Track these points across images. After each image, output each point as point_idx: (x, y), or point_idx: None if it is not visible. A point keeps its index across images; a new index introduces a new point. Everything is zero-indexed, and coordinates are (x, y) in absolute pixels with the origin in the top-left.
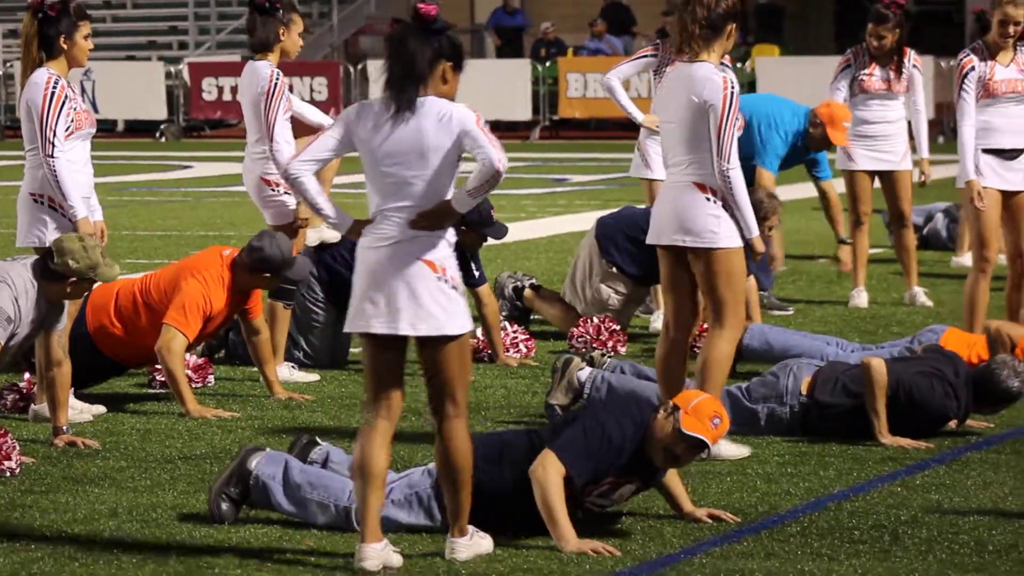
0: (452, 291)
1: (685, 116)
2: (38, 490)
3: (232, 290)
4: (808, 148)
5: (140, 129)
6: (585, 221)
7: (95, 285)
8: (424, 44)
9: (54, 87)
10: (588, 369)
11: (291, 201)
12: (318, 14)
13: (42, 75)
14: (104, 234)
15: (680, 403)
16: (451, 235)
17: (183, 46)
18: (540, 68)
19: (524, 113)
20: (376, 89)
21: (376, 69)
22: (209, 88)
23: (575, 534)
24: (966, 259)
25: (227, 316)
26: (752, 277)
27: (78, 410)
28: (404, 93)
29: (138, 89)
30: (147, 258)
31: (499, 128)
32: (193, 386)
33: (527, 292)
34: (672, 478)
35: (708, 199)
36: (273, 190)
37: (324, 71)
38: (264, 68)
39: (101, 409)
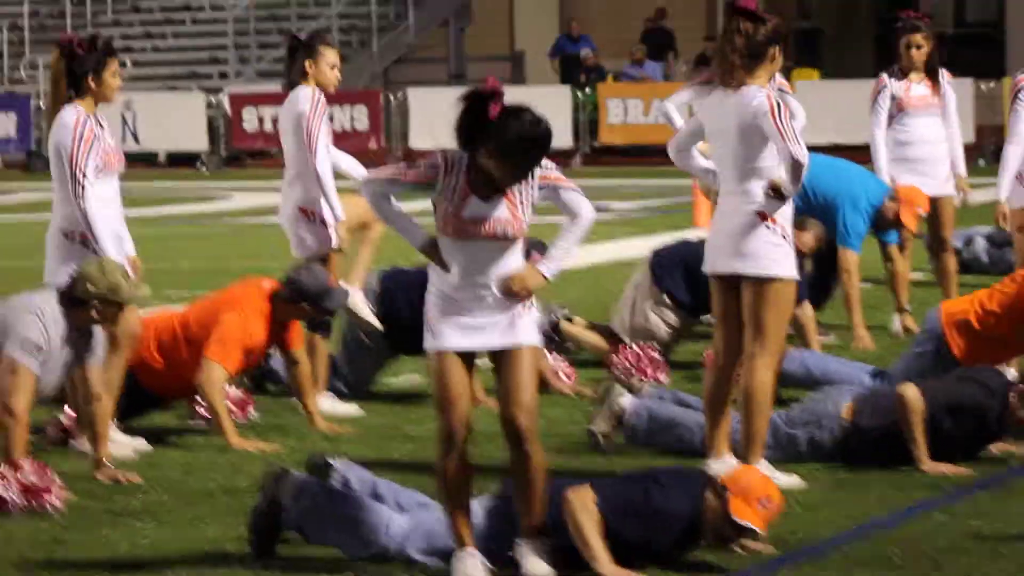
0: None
1: (737, 142)
2: (80, 525)
3: (271, 322)
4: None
5: (181, 160)
6: (625, 249)
7: (124, 309)
8: None
9: (83, 128)
10: (629, 396)
11: (325, 231)
12: (358, 43)
13: (71, 115)
14: (138, 268)
15: (730, 484)
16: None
17: (223, 76)
18: (581, 95)
19: (565, 140)
20: (417, 119)
21: (416, 98)
22: (250, 118)
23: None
24: None
25: (267, 348)
26: (807, 302)
27: (120, 444)
28: None
29: (179, 120)
30: (188, 289)
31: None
32: (234, 419)
33: (563, 324)
34: None
35: (768, 227)
36: (310, 220)
37: (364, 100)
38: (304, 91)
39: (143, 443)
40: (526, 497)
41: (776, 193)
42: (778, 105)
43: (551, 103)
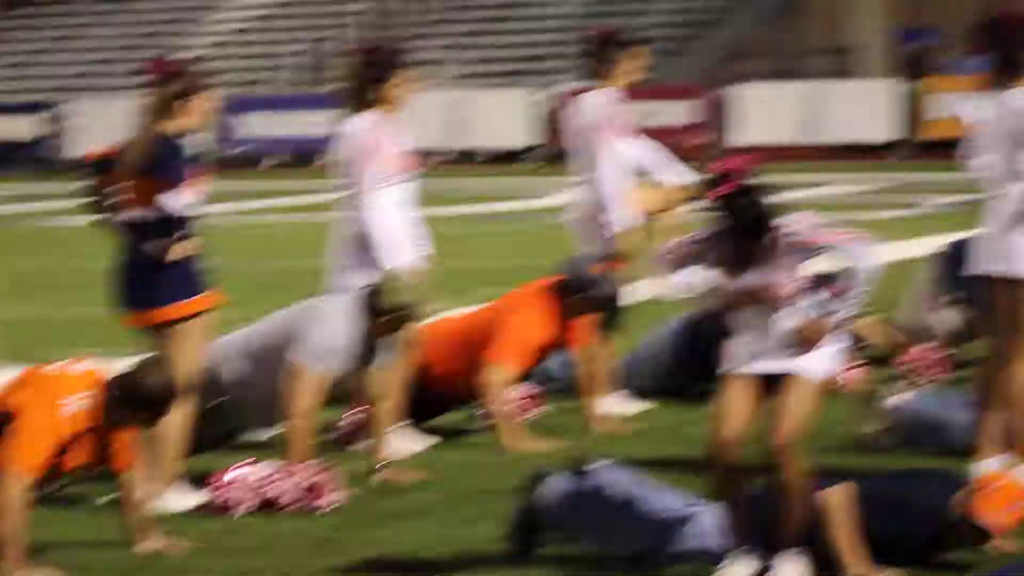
0: None
1: (1006, 144)
2: (352, 524)
3: (553, 321)
4: None
5: (503, 157)
6: (934, 245)
7: (412, 322)
8: None
9: (373, 135)
10: (898, 396)
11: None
12: (684, 39)
13: (361, 122)
14: (431, 268)
15: (983, 484)
16: None
17: (546, 73)
18: (907, 89)
19: (889, 134)
20: (745, 113)
21: (746, 94)
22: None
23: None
24: None
25: (549, 348)
26: None
27: (404, 444)
28: None
29: (502, 117)
30: (496, 286)
31: (861, 152)
32: (521, 418)
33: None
34: None
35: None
36: (600, 219)
37: (688, 95)
38: (600, 93)
39: (426, 443)
40: (784, 512)
41: None
42: None
43: (875, 97)
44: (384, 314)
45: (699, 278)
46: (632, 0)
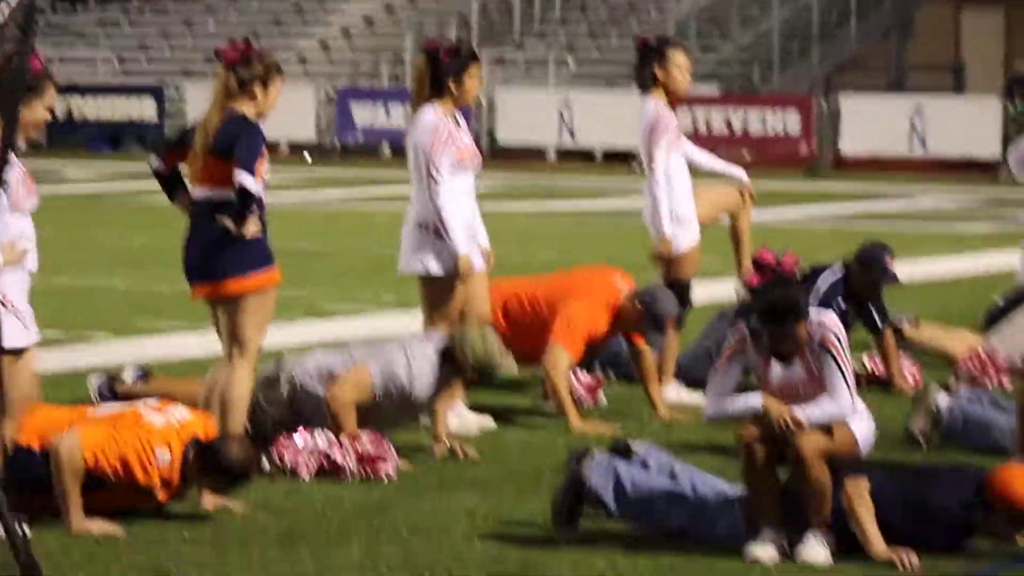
0: None
1: None
2: (407, 493)
3: (615, 319)
4: None
5: (616, 158)
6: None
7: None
8: None
9: (439, 127)
10: (946, 396)
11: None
12: (799, 49)
13: (429, 115)
14: (491, 256)
15: (1009, 478)
16: None
17: None
18: (1012, 108)
19: (995, 151)
20: (849, 123)
21: (849, 104)
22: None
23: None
24: None
25: (608, 338)
26: None
27: (466, 421)
28: None
29: (616, 118)
30: None
31: (967, 166)
32: (584, 404)
33: (907, 330)
34: None
35: None
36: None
37: (798, 104)
38: (650, 102)
39: (489, 421)
40: (809, 499)
41: None
42: None
43: (981, 115)
44: (466, 366)
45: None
46: (750, 6)
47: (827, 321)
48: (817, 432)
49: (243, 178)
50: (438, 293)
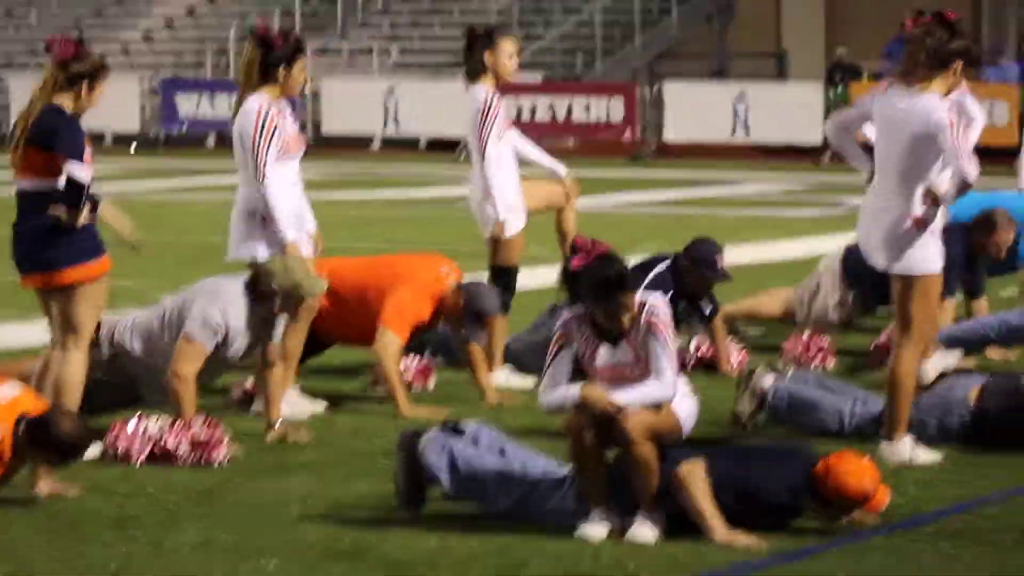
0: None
1: (907, 147)
2: (240, 477)
3: (438, 308)
4: None
5: (441, 146)
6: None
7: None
8: None
9: (265, 115)
10: (772, 377)
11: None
12: (621, 37)
13: (254, 103)
14: (320, 241)
15: (835, 465)
16: None
17: None
18: (832, 94)
19: (815, 137)
20: (673, 113)
21: (672, 92)
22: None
23: (724, 524)
24: None
25: (431, 325)
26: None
27: (298, 406)
28: None
29: (440, 106)
30: None
31: (790, 152)
32: (415, 388)
33: (726, 306)
34: None
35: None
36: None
37: (621, 92)
38: (479, 89)
39: (321, 406)
40: (636, 479)
41: (934, 201)
42: (956, 121)
43: (805, 100)
44: (274, 301)
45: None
46: None
47: (653, 302)
48: (642, 411)
49: (72, 167)
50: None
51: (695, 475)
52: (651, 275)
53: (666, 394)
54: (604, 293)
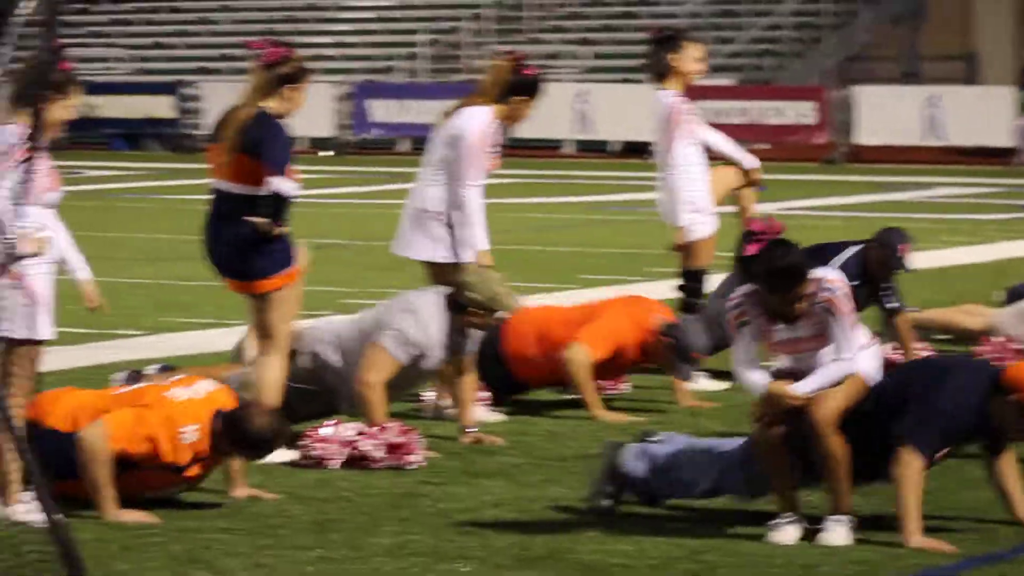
0: None
1: None
2: (435, 481)
3: (644, 344)
4: None
5: (635, 150)
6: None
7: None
8: None
9: (487, 129)
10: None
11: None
12: (810, 39)
13: (484, 115)
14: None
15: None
16: None
17: None
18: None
19: (1006, 140)
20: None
21: (865, 95)
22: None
23: (921, 530)
24: None
25: (632, 358)
26: None
27: (486, 414)
28: None
29: (632, 110)
30: (603, 274)
31: (982, 153)
32: (607, 392)
33: (914, 314)
34: (1012, 480)
35: None
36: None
37: (812, 96)
38: (664, 97)
39: (502, 418)
40: (831, 484)
41: None
42: None
43: (995, 103)
44: (470, 313)
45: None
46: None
47: (829, 277)
48: (827, 398)
49: (279, 182)
50: None
51: (910, 472)
52: (840, 258)
53: (848, 369)
54: (779, 283)
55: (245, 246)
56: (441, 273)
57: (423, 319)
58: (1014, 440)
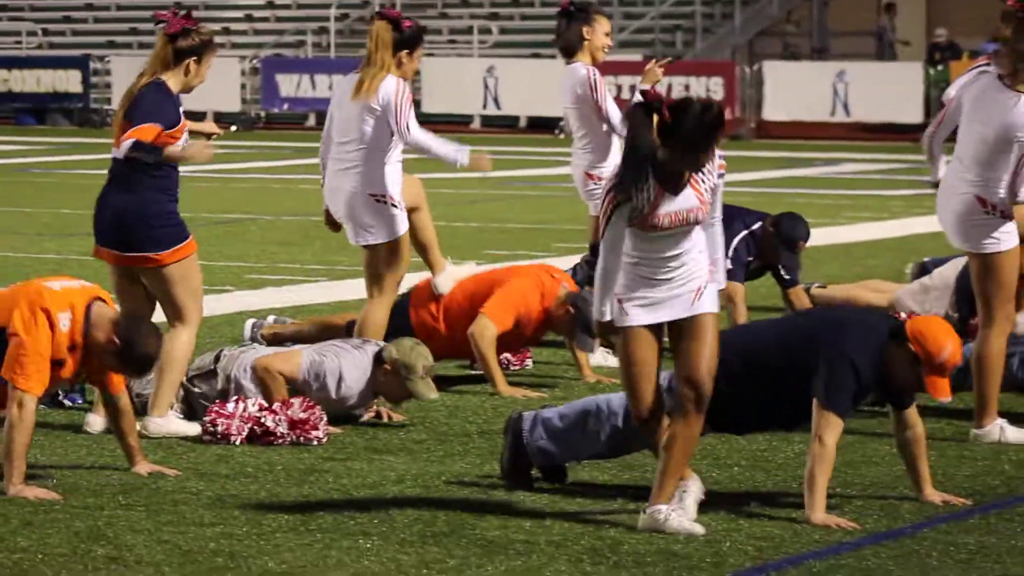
0: None
1: (993, 141)
2: (338, 457)
3: (545, 304)
4: None
5: (540, 125)
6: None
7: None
8: None
9: (404, 92)
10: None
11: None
12: (720, 15)
13: (392, 83)
14: None
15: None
16: None
17: None
18: (932, 72)
19: (916, 116)
20: (773, 89)
21: (773, 70)
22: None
23: (825, 507)
24: None
25: (536, 326)
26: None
27: None
28: None
29: (540, 86)
30: (508, 249)
31: (891, 130)
32: (511, 368)
33: (815, 291)
34: (921, 460)
35: (985, 210)
36: (596, 184)
37: (721, 71)
38: (579, 69)
39: None
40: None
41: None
42: None
43: (904, 80)
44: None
45: None
46: None
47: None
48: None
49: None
50: None
51: (830, 435)
52: (738, 237)
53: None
54: (711, 135)
55: (136, 219)
56: (376, 255)
57: (345, 375)
58: (905, 391)
